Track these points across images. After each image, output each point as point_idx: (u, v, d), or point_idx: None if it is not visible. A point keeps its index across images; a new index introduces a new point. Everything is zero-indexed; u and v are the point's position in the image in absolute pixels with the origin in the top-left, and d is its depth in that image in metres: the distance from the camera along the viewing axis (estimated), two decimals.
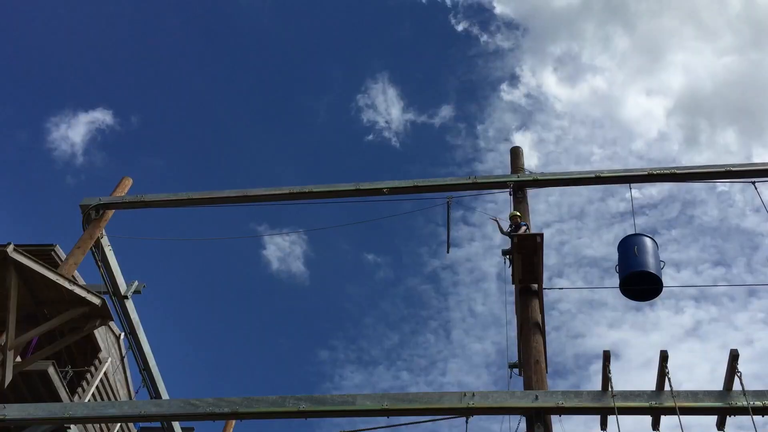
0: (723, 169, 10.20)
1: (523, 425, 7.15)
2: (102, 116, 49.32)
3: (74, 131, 52.73)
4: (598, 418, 7.13)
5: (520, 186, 10.51)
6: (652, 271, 8.54)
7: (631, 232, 9.25)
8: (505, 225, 9.79)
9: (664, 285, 8.64)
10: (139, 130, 51.99)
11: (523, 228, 9.44)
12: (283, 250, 52.50)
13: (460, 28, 53.89)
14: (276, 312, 55.63)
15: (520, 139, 51.29)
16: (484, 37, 54.27)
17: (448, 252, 11.20)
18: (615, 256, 9.06)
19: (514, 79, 57.90)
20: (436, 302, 53.35)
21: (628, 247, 8.86)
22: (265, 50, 56.02)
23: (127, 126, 51.34)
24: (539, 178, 10.54)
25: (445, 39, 56.89)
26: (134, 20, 50.72)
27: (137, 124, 52.11)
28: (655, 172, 10.31)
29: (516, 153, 11.46)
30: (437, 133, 55.47)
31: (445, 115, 54.94)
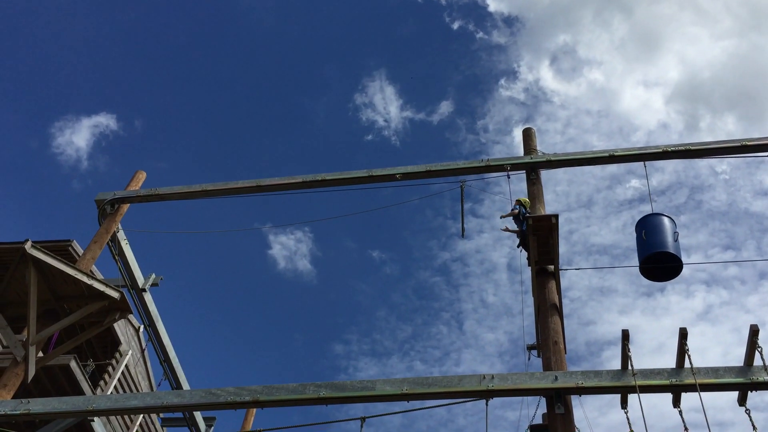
0: (738, 144, 10.08)
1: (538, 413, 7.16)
2: (106, 120, 49.52)
3: (78, 136, 52.92)
4: (613, 402, 7.13)
5: (533, 167, 10.45)
6: (671, 251, 8.51)
7: (640, 218, 9.22)
8: (512, 225, 10.14)
9: (684, 264, 8.63)
10: (143, 133, 52.23)
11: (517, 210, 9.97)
12: (289, 249, 52.75)
13: (455, 26, 53.61)
14: (287, 309, 56.04)
15: (520, 134, 50.91)
16: (480, 34, 54.00)
17: (462, 236, 11.22)
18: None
19: (511, 75, 57.67)
20: (448, 294, 53.52)
21: (645, 228, 8.83)
22: (263, 53, 56.12)
23: (131, 130, 51.57)
24: (552, 158, 10.46)
25: (441, 37, 56.71)
26: (135, 24, 50.86)
27: (141, 128, 52.34)
28: (669, 149, 10.21)
29: (528, 134, 11.38)
30: (436, 129, 55.43)
31: (444, 111, 54.82)
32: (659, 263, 8.68)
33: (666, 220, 8.93)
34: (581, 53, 54.66)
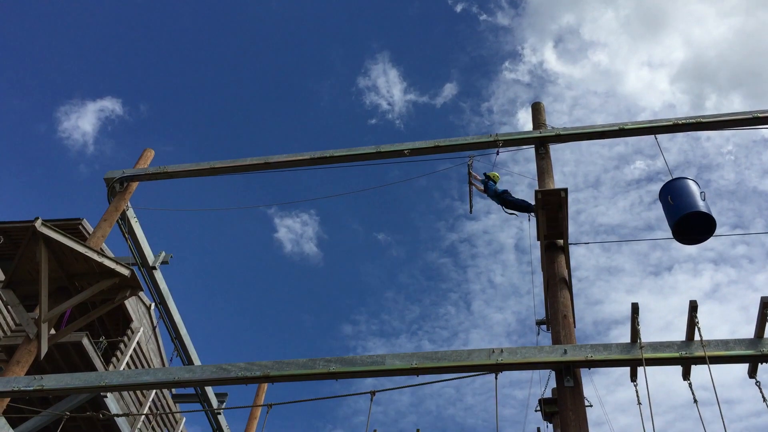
0: (750, 116, 9.98)
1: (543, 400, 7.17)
2: (111, 105, 49.42)
3: (84, 120, 52.88)
4: (620, 380, 7.12)
5: (542, 142, 10.38)
6: (704, 210, 8.39)
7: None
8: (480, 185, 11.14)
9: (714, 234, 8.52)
10: (148, 118, 52.17)
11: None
12: (295, 232, 52.82)
13: (458, 9, 53.03)
14: (295, 291, 56.24)
15: (525, 116, 51.03)
16: (484, 16, 53.39)
17: (471, 212, 11.34)
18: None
19: (516, 57, 57.02)
20: (455, 275, 53.63)
21: (671, 192, 8.66)
22: (267, 36, 55.79)
23: (136, 114, 51.51)
24: (562, 132, 10.39)
25: (445, 19, 56.10)
26: (139, 8, 50.57)
27: (146, 112, 52.27)
28: (680, 122, 10.12)
29: (537, 109, 11.29)
30: (440, 112, 55.08)
31: (448, 94, 54.42)
32: (690, 225, 8.51)
33: (690, 182, 8.77)
34: (585, 34, 54.19)
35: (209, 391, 14.31)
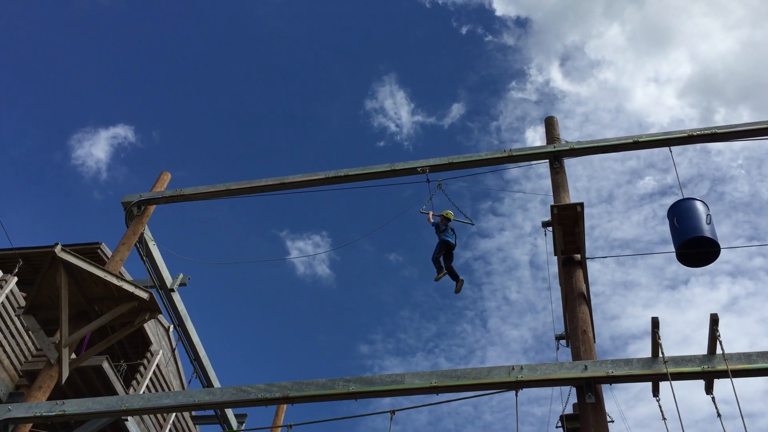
0: (764, 126, 9.91)
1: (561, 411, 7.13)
2: (123, 132, 49.80)
3: (97, 148, 53.09)
4: (640, 395, 7.06)
5: (556, 156, 10.37)
6: (707, 235, 8.36)
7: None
8: (436, 218, 11.46)
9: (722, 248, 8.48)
10: (160, 144, 52.52)
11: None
12: (307, 254, 52.91)
13: (464, 30, 53.21)
14: (310, 313, 56.14)
15: (533, 134, 51.10)
16: (489, 37, 53.53)
17: (473, 224, 11.58)
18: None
19: (522, 77, 56.86)
20: (471, 293, 53.37)
21: (677, 214, 8.67)
22: (275, 62, 55.91)
23: (149, 141, 51.93)
24: (576, 146, 10.38)
25: (450, 41, 56.23)
26: (149, 35, 51.13)
27: (158, 138, 52.67)
28: (695, 134, 10.07)
29: (551, 123, 11.28)
30: (448, 133, 55.05)
31: (456, 114, 54.42)
32: (696, 248, 8.49)
33: (698, 204, 8.74)
34: (591, 52, 54.06)
35: (229, 412, 14.31)
